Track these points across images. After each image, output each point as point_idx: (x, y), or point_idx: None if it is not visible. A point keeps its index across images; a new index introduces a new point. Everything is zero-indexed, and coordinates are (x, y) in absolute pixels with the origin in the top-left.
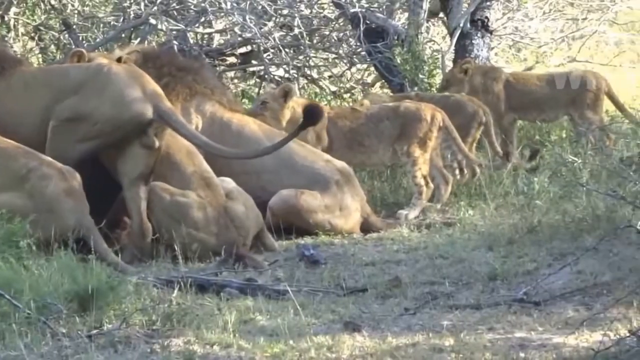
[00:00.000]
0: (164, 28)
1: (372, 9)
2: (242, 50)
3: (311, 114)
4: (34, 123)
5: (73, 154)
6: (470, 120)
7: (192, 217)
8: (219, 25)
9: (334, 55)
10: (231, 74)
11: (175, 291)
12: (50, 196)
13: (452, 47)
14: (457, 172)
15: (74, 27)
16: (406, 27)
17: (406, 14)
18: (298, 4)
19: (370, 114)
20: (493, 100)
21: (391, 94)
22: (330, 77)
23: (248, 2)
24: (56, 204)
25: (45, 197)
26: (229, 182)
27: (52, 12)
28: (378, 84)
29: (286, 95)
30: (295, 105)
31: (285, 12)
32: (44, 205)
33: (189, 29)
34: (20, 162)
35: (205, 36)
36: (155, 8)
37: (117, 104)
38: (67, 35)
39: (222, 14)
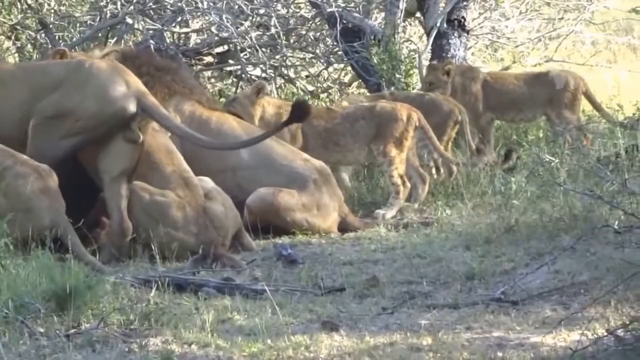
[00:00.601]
0: (140, 27)
1: (348, 8)
2: (219, 49)
3: (299, 111)
4: (12, 121)
5: (56, 151)
6: (445, 119)
7: (172, 216)
8: (195, 24)
9: (310, 55)
10: (208, 73)
11: (153, 291)
12: (26, 195)
13: (429, 47)
14: (433, 171)
15: (51, 26)
16: (383, 26)
17: (383, 14)
18: (274, 3)
19: (346, 113)
20: (471, 100)
21: (368, 94)
22: (307, 76)
23: (224, 2)
24: (32, 202)
25: (21, 196)
26: (207, 182)
27: (29, 11)
28: (355, 84)
29: (258, 92)
30: (267, 103)
31: (261, 11)
32: (19, 205)
33: (165, 28)
34: None
35: (182, 36)
36: (132, 7)
37: (101, 99)
38: (43, 35)
39: (199, 14)
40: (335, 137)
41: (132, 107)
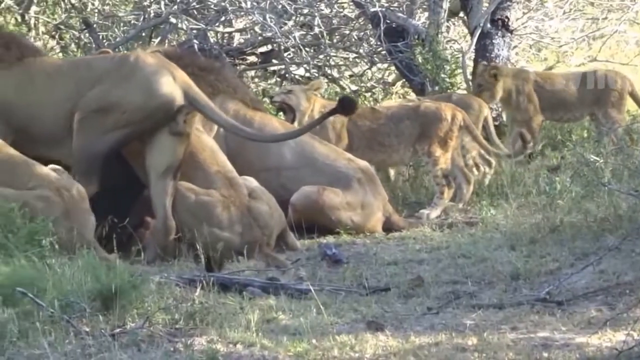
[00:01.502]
0: (184, 27)
1: (392, 8)
2: (263, 49)
3: (346, 105)
4: (56, 116)
5: (101, 146)
6: (477, 117)
7: (217, 216)
8: (239, 24)
9: (354, 55)
10: (251, 73)
11: (198, 290)
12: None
13: (473, 47)
14: (474, 169)
15: (94, 26)
16: (426, 26)
17: (426, 13)
18: (318, 3)
19: (391, 114)
20: (524, 102)
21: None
22: (350, 76)
23: (268, 2)
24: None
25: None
26: (251, 182)
27: (73, 10)
28: (399, 84)
29: (316, 90)
30: (316, 101)
31: (305, 11)
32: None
33: (209, 28)
34: (24, 179)
35: (226, 35)
36: (176, 7)
37: (147, 91)
38: (87, 34)
39: (242, 13)
40: (380, 137)
41: (179, 99)
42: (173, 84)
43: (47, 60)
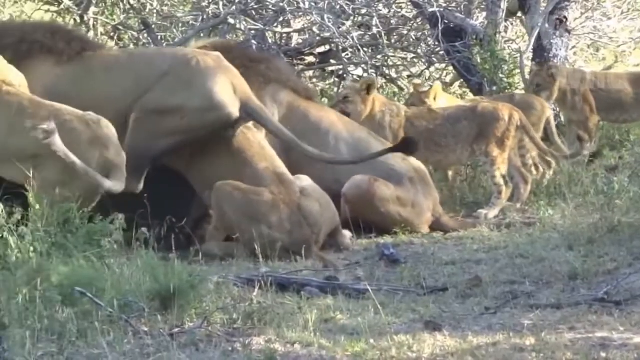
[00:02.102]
0: (242, 28)
1: (450, 8)
2: (321, 49)
3: (407, 145)
4: (114, 108)
5: (153, 149)
6: (539, 117)
7: (265, 214)
8: (297, 24)
9: (412, 55)
10: (310, 73)
11: (256, 290)
12: (73, 148)
13: (531, 47)
14: (533, 169)
15: (153, 26)
16: (485, 26)
17: (484, 13)
18: (376, 3)
19: (448, 114)
20: (580, 102)
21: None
22: (408, 76)
23: (326, 2)
24: (78, 155)
25: (71, 150)
26: (304, 179)
27: (131, 11)
28: (457, 84)
29: (368, 89)
30: (376, 100)
31: (363, 11)
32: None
33: (267, 28)
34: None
35: (284, 36)
36: (234, 7)
37: (207, 100)
38: (146, 35)
39: (301, 14)
40: (437, 138)
41: (236, 113)
42: (233, 96)
43: (106, 53)
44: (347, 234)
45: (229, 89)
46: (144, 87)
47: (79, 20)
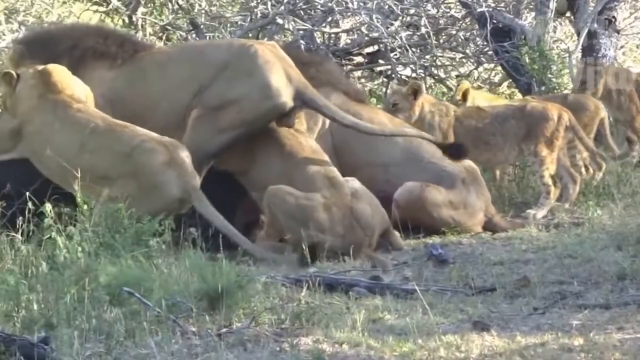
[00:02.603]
0: (290, 28)
1: (499, 8)
2: (369, 49)
3: (456, 151)
4: (171, 104)
5: (213, 146)
6: (592, 118)
7: (317, 219)
8: (345, 24)
9: (461, 55)
10: (358, 73)
11: (304, 290)
12: (152, 169)
13: (579, 47)
14: (582, 170)
15: (201, 27)
16: (533, 26)
17: (533, 13)
18: (425, 3)
19: (496, 113)
20: (625, 101)
21: None
22: (457, 76)
23: (375, 2)
24: (158, 176)
25: (147, 171)
26: (354, 182)
27: (180, 12)
28: (505, 84)
29: (415, 93)
30: (425, 102)
31: (412, 11)
32: (147, 181)
33: (315, 28)
34: (124, 141)
35: (332, 36)
36: (282, 8)
37: (265, 90)
38: (194, 35)
39: (349, 14)
40: (486, 136)
41: (290, 102)
42: (287, 85)
43: (158, 51)
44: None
45: (283, 78)
46: (200, 81)
47: (127, 21)
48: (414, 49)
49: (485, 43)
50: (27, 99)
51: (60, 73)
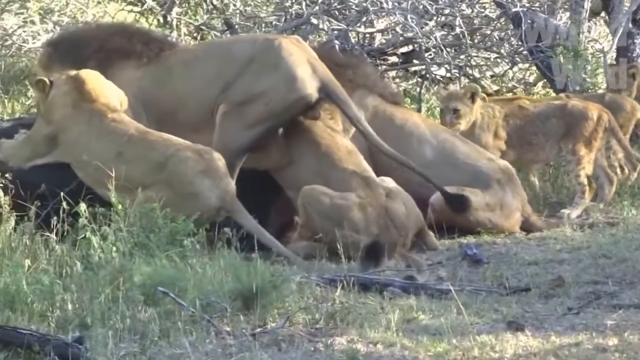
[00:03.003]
0: (325, 28)
1: (533, 8)
2: (404, 49)
3: (457, 204)
4: (198, 101)
5: (243, 142)
6: (629, 119)
7: (352, 219)
8: (380, 24)
9: (495, 55)
10: (392, 73)
11: (338, 290)
12: (188, 178)
13: (614, 47)
14: (618, 170)
15: (236, 26)
16: (568, 26)
17: (567, 13)
18: (459, 3)
19: (538, 112)
20: None
21: None
22: (492, 76)
23: (409, 2)
24: (194, 185)
25: (183, 180)
26: (389, 182)
27: (214, 12)
28: (540, 84)
29: (473, 96)
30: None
31: (446, 11)
32: (182, 189)
33: (350, 28)
34: (159, 150)
35: (367, 36)
36: (317, 8)
37: (291, 82)
38: (229, 35)
39: (384, 14)
40: (528, 135)
41: (316, 94)
42: (313, 77)
43: (184, 49)
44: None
45: (308, 70)
46: (226, 77)
47: (162, 21)
48: (448, 49)
49: (519, 43)
50: (62, 107)
51: (93, 80)
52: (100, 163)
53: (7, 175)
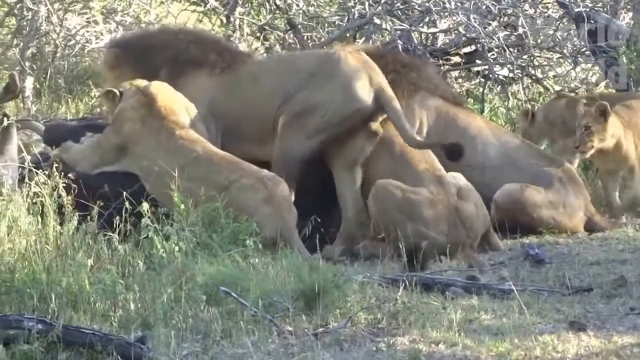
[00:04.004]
0: (388, 28)
1: (596, 8)
2: (467, 49)
3: (452, 151)
4: (263, 113)
5: (302, 152)
6: None
7: (423, 214)
8: (443, 24)
9: (558, 55)
10: (455, 73)
11: (401, 290)
12: (248, 207)
13: None
14: None
15: (299, 26)
16: (631, 26)
17: (631, 13)
18: (522, 3)
19: None
20: None
21: None
22: (554, 76)
23: (472, 2)
24: (254, 214)
25: (243, 207)
26: (459, 179)
27: (277, 12)
28: (602, 84)
29: (604, 114)
30: None
31: (509, 11)
32: (242, 215)
33: (413, 28)
34: (223, 174)
35: (430, 36)
36: (380, 8)
37: (345, 94)
38: (292, 35)
39: (447, 14)
40: None
41: (372, 105)
42: (369, 88)
43: (252, 61)
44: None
45: (365, 82)
46: (289, 89)
47: (224, 21)
48: (511, 49)
49: (582, 43)
50: (131, 121)
51: (164, 97)
52: (166, 178)
53: (70, 175)
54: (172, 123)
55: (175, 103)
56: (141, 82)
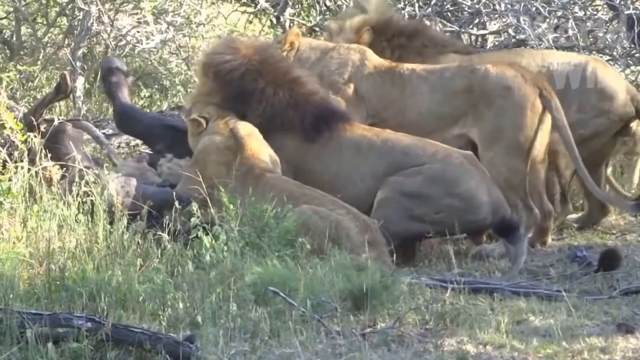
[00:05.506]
0: (438, 29)
1: None
2: None
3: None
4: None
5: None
6: None
7: None
8: (493, 26)
9: (608, 57)
10: None
11: (449, 291)
12: (349, 249)
13: None
14: None
15: None
16: None
17: None
18: (572, 5)
19: None
20: None
21: None
22: None
23: (522, 4)
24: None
25: (346, 246)
26: None
27: (327, 13)
28: None
29: None
30: None
31: (559, 13)
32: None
33: (463, 30)
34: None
35: (479, 37)
36: (430, 9)
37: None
38: None
39: (496, 16)
40: None
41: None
42: None
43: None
44: None
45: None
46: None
47: (274, 22)
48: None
49: (632, 45)
50: (216, 165)
51: (251, 142)
52: None
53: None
54: (258, 169)
55: (262, 148)
56: (230, 122)
